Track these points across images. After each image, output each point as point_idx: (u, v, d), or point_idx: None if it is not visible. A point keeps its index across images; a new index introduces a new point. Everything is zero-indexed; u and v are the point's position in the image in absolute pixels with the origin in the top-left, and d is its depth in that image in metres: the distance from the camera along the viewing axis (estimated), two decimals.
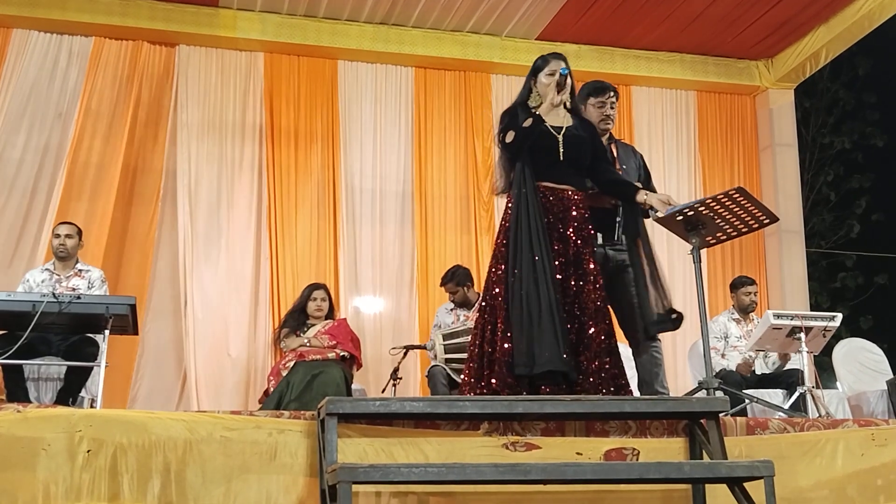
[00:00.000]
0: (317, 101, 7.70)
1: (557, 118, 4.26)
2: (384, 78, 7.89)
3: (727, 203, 4.34)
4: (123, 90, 7.30)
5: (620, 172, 4.63)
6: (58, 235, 5.79)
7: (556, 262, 4.03)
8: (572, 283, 4.06)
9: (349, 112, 7.74)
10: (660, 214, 4.32)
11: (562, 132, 4.21)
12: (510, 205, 4.16)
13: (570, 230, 4.11)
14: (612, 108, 4.75)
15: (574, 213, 4.15)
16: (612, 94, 4.76)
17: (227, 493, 3.24)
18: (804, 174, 12.17)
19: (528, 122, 4.14)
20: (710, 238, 4.54)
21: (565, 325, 3.92)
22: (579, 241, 4.12)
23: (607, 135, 4.78)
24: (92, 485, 3.16)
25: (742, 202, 4.35)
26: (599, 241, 4.48)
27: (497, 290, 4.06)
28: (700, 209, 4.35)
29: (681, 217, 4.39)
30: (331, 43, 7.64)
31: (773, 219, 4.52)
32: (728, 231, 4.51)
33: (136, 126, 7.27)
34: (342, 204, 7.51)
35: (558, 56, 4.31)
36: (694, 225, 4.40)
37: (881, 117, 15.35)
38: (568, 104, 4.32)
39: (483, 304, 4.14)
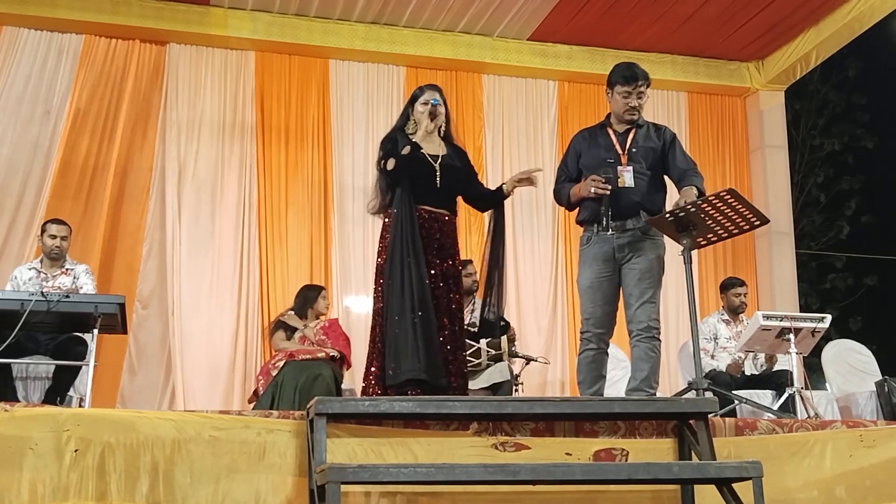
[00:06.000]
0: (308, 101, 7.69)
1: (433, 146, 4.53)
2: (375, 77, 7.87)
3: (718, 204, 4.34)
4: (113, 88, 7.26)
5: (624, 159, 4.57)
6: (53, 237, 5.75)
7: (432, 279, 4.33)
8: (448, 297, 4.38)
9: (341, 111, 7.73)
10: (520, 185, 4.64)
11: (438, 160, 4.48)
12: (389, 226, 4.42)
13: (446, 250, 4.43)
14: (638, 97, 4.59)
15: (449, 235, 4.47)
16: (640, 83, 4.59)
17: (216, 492, 3.23)
18: (794, 176, 12.23)
19: (406, 150, 4.39)
20: (701, 239, 4.55)
21: (432, 337, 4.20)
22: (455, 262, 4.46)
23: (628, 123, 4.65)
24: (80, 484, 3.14)
25: (733, 204, 4.35)
26: (609, 231, 4.45)
27: (377, 306, 4.41)
28: (691, 210, 4.35)
29: (672, 218, 4.40)
30: (322, 42, 7.63)
31: (764, 220, 4.53)
32: (719, 232, 4.52)
33: (126, 124, 7.23)
34: (333, 203, 7.50)
35: (433, 87, 4.64)
36: (685, 226, 4.41)
37: (871, 119, 15.43)
38: (442, 132, 4.60)
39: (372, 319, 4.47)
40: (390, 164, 4.40)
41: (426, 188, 4.43)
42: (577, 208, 4.77)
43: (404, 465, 3.14)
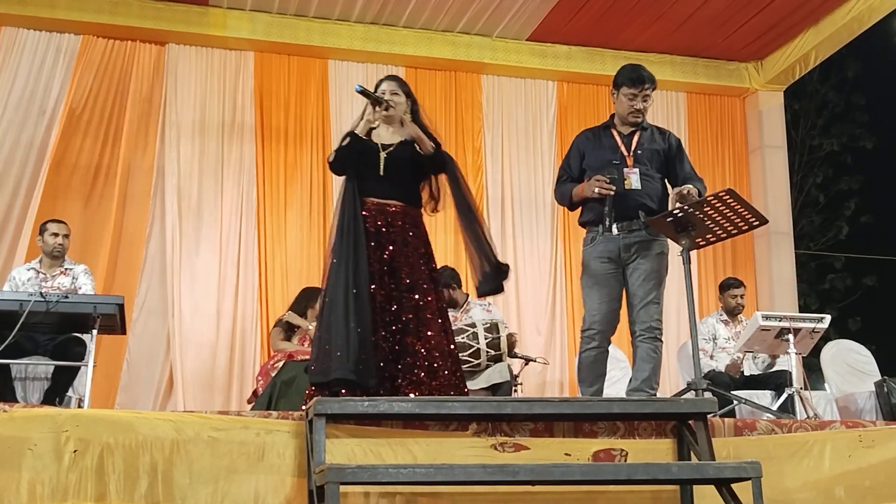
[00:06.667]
0: (307, 101, 7.69)
1: (388, 135, 4.40)
2: (374, 78, 7.77)
3: (717, 205, 4.35)
4: (112, 88, 7.26)
5: (630, 161, 4.55)
6: (55, 234, 5.77)
7: (375, 274, 4.14)
8: (391, 294, 4.17)
9: (340, 112, 7.71)
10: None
11: (388, 149, 4.33)
12: (335, 219, 4.31)
13: (392, 244, 4.22)
14: (643, 100, 4.60)
15: (398, 226, 4.26)
16: (647, 86, 4.59)
17: (215, 493, 3.23)
18: (793, 176, 12.21)
19: (345, 142, 4.33)
20: (700, 240, 4.55)
21: (367, 336, 4.02)
22: (401, 255, 4.22)
23: (632, 126, 4.64)
24: (78, 485, 3.14)
25: (732, 204, 4.36)
26: (615, 231, 4.46)
27: (321, 302, 4.26)
28: (690, 210, 4.35)
29: (671, 219, 4.40)
30: (321, 42, 7.63)
31: (763, 221, 4.53)
32: (717, 233, 4.52)
33: (125, 125, 7.23)
34: (332, 203, 7.48)
35: (389, 78, 4.52)
36: (684, 226, 4.41)
37: (870, 119, 15.44)
38: (405, 123, 4.42)
39: None
40: (331, 156, 4.35)
41: (371, 178, 4.29)
42: (580, 209, 4.76)
43: (403, 466, 3.14)
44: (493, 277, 4.32)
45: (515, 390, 6.15)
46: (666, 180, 4.71)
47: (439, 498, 3.31)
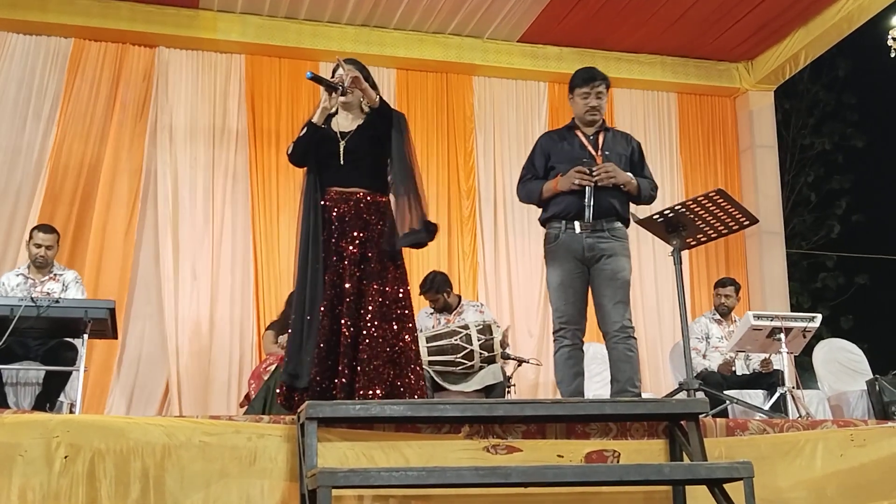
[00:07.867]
0: (298, 103, 7.67)
1: (348, 122, 4.26)
2: None
3: (707, 205, 4.36)
4: (103, 92, 7.25)
5: (599, 159, 4.51)
6: (38, 245, 5.70)
7: (340, 266, 4.05)
8: (358, 285, 4.05)
9: None
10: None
11: (346, 137, 4.19)
12: (298, 214, 4.22)
13: (358, 231, 4.10)
14: (597, 98, 4.60)
15: (364, 214, 4.13)
16: (597, 83, 4.61)
17: (207, 498, 3.22)
18: (784, 175, 12.25)
19: (302, 132, 4.20)
20: (691, 239, 4.56)
21: (316, 336, 3.96)
22: (367, 243, 4.10)
23: (594, 126, 4.64)
24: (69, 491, 3.13)
25: (722, 204, 4.38)
26: (578, 229, 4.43)
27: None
28: (681, 211, 4.36)
29: (661, 219, 4.41)
30: (312, 45, 7.62)
31: (753, 220, 4.55)
32: (708, 232, 4.53)
33: (117, 128, 7.22)
34: None
35: (346, 61, 4.27)
36: (674, 226, 4.42)
37: (861, 118, 15.46)
38: (365, 107, 4.25)
39: None
40: (289, 148, 4.24)
41: (332, 168, 4.17)
42: (542, 207, 4.70)
43: (395, 469, 3.13)
44: (419, 232, 4.13)
45: (508, 391, 6.15)
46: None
47: (431, 500, 3.31)
